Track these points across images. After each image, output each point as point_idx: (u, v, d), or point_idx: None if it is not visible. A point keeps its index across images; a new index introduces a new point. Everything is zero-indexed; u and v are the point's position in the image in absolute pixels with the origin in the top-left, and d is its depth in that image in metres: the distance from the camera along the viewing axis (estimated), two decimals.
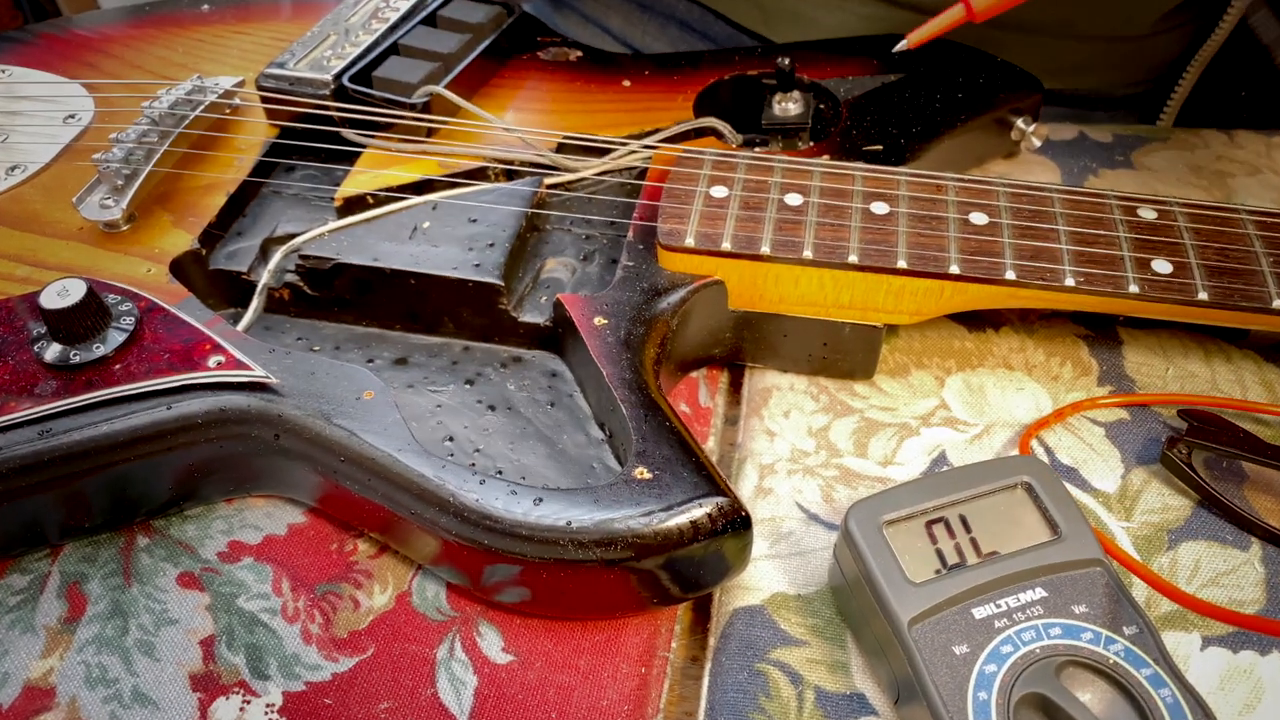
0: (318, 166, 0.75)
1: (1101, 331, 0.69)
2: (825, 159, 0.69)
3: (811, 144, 0.75)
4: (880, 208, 0.64)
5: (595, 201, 0.73)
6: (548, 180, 0.71)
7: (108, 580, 0.59)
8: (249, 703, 0.54)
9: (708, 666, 0.56)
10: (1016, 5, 0.48)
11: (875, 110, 0.75)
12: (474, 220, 0.68)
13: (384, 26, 0.80)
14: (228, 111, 0.78)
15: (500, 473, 0.58)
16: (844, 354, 0.66)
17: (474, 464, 0.59)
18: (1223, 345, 0.68)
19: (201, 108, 0.75)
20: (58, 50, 0.87)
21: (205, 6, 0.91)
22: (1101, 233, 0.63)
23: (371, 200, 0.70)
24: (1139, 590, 0.55)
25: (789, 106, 0.76)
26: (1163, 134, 0.86)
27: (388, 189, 0.71)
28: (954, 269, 0.61)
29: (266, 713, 0.54)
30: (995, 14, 0.50)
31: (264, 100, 0.77)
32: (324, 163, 0.75)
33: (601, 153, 0.72)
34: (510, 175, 0.73)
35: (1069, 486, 0.57)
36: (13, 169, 0.73)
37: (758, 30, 0.96)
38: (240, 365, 0.58)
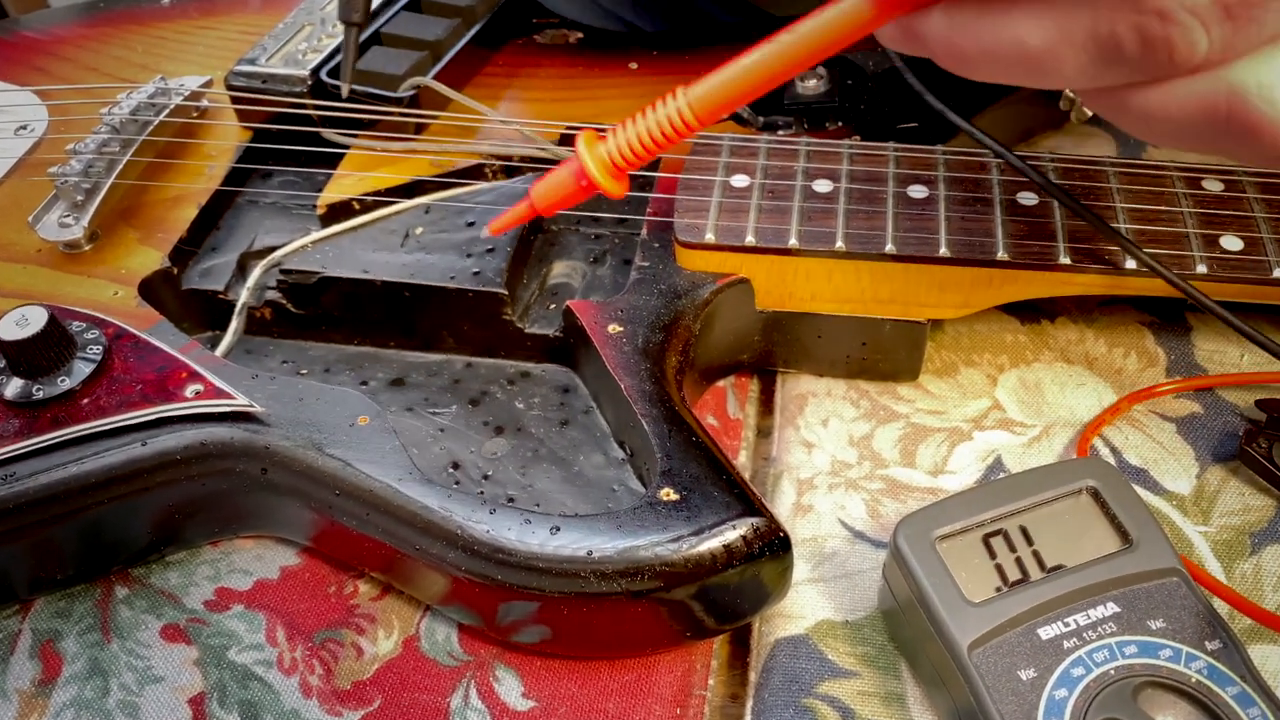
0: (297, 171, 0.76)
1: (1168, 318, 0.70)
2: (855, 140, 0.70)
3: (839, 124, 0.75)
4: (918, 191, 0.65)
5: (604, 198, 0.73)
6: None
7: (84, 636, 0.59)
8: None
9: (749, 704, 0.56)
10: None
11: (908, 83, 0.75)
12: (471, 223, 0.68)
13: None
14: (195, 115, 0.79)
15: (512, 500, 0.59)
16: (885, 354, 0.66)
17: (482, 492, 0.59)
18: None
19: (166, 112, 0.76)
20: (4, 55, 0.87)
21: (165, 0, 0.91)
22: (1163, 208, 0.63)
23: (358, 206, 0.71)
24: (1222, 601, 0.55)
25: (812, 83, 0.76)
26: None
27: (375, 193, 0.71)
28: (1002, 255, 0.61)
29: None
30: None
31: (235, 101, 0.77)
32: (304, 167, 0.76)
33: None
34: (509, 172, 0.73)
35: (1139, 489, 0.57)
36: None
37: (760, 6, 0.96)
38: (221, 394, 0.59)
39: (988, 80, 0.40)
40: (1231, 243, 0.61)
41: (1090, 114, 0.78)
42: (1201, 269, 0.60)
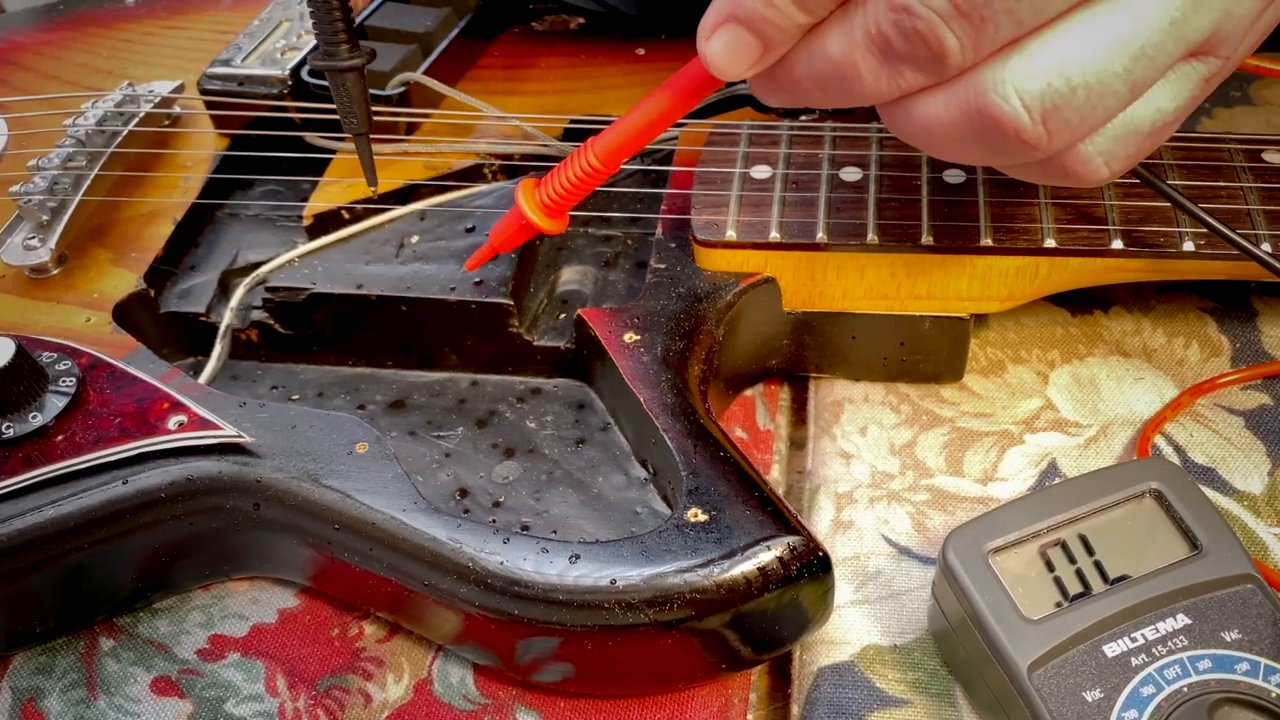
0: (280, 180, 0.76)
1: (1231, 303, 0.70)
2: None
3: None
4: (955, 175, 0.65)
5: (614, 195, 0.73)
6: None
7: (69, 693, 0.60)
8: None
9: None
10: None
11: None
12: (471, 229, 0.69)
13: None
14: (167, 123, 0.79)
15: (526, 528, 0.59)
16: (926, 353, 0.66)
17: (494, 520, 0.59)
18: None
19: (135, 121, 0.76)
20: None
21: (130, 0, 0.92)
22: (1222, 184, 0.63)
23: (347, 215, 0.71)
24: None
25: None
26: None
27: (365, 200, 0.71)
28: (1049, 242, 0.62)
29: None
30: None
31: (209, 106, 0.78)
32: (287, 175, 0.76)
33: None
34: (510, 172, 0.74)
35: (1206, 490, 0.57)
36: None
37: None
38: (206, 424, 0.59)
39: (825, 106, 0.48)
40: None
41: None
42: (1267, 248, 0.60)
